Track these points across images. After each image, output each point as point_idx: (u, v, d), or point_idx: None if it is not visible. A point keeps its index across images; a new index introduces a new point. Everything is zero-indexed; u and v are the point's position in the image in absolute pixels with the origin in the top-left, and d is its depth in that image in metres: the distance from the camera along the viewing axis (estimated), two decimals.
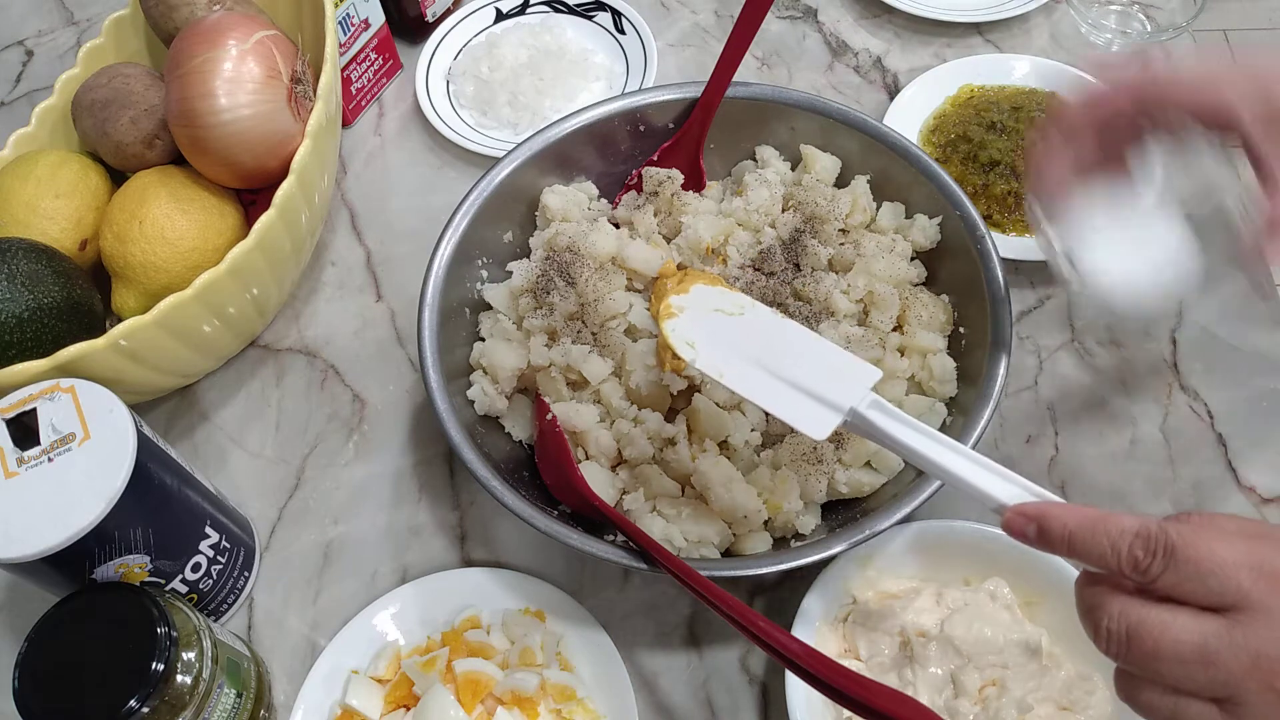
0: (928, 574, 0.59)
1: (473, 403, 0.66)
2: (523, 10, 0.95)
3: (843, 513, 0.62)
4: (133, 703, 0.48)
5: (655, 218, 0.72)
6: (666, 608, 0.63)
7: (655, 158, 0.74)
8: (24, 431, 0.54)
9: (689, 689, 0.61)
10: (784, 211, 0.71)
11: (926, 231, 0.67)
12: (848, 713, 0.53)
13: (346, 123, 0.88)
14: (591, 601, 0.63)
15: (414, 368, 0.75)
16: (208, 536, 0.60)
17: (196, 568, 0.60)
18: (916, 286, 0.68)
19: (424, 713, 0.56)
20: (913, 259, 0.68)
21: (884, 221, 0.69)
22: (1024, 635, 0.55)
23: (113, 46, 0.80)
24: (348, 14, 0.82)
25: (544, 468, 0.64)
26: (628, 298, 0.67)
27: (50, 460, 0.52)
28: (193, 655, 0.52)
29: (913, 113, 0.82)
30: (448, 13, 0.94)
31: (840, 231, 0.69)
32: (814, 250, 0.67)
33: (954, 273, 0.67)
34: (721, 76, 0.70)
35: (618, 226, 0.72)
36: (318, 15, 0.74)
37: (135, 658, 0.50)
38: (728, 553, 0.60)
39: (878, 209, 0.70)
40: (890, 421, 0.48)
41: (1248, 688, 0.35)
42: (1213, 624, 0.36)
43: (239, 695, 0.56)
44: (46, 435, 0.53)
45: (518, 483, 0.60)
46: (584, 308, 0.66)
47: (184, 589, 0.60)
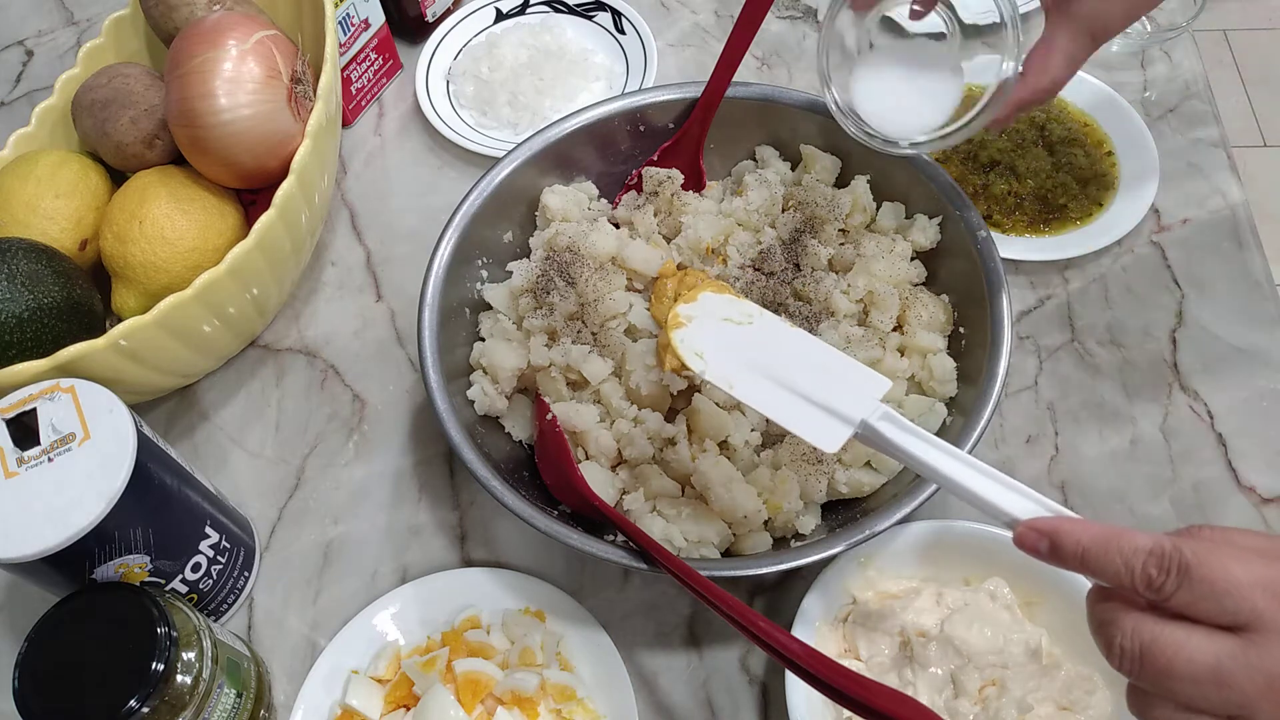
0: (928, 574, 0.59)
1: (473, 403, 0.66)
2: (523, 10, 0.95)
3: (843, 513, 0.62)
4: (133, 703, 0.48)
5: (655, 218, 0.72)
6: (666, 608, 0.63)
7: (655, 158, 0.74)
8: (24, 431, 0.54)
9: (689, 689, 0.61)
10: (784, 211, 0.71)
11: (926, 231, 0.67)
12: (848, 713, 0.53)
13: (346, 123, 0.88)
14: (591, 601, 0.63)
15: (414, 368, 0.75)
16: (208, 536, 0.60)
17: (196, 568, 0.60)
18: (916, 286, 0.68)
19: (424, 713, 0.56)
20: (913, 259, 0.68)
21: (884, 221, 0.69)
22: (1024, 635, 0.55)
23: (113, 46, 0.80)
24: (348, 14, 0.82)
25: (544, 468, 0.64)
26: (628, 298, 0.67)
27: (50, 460, 0.52)
28: (193, 655, 0.52)
29: None
30: (448, 13, 0.94)
31: (840, 231, 0.69)
32: (814, 250, 0.67)
33: (954, 273, 0.67)
34: (721, 76, 0.70)
35: (618, 226, 0.72)
36: (318, 15, 0.74)
37: (135, 658, 0.50)
38: (728, 553, 0.60)
39: (878, 209, 0.70)
40: (901, 434, 0.48)
41: (1261, 708, 0.35)
42: (1227, 644, 0.36)
43: (239, 695, 0.56)
44: (46, 435, 0.53)
45: (518, 483, 0.60)
46: (584, 308, 0.66)
47: (184, 589, 0.60)
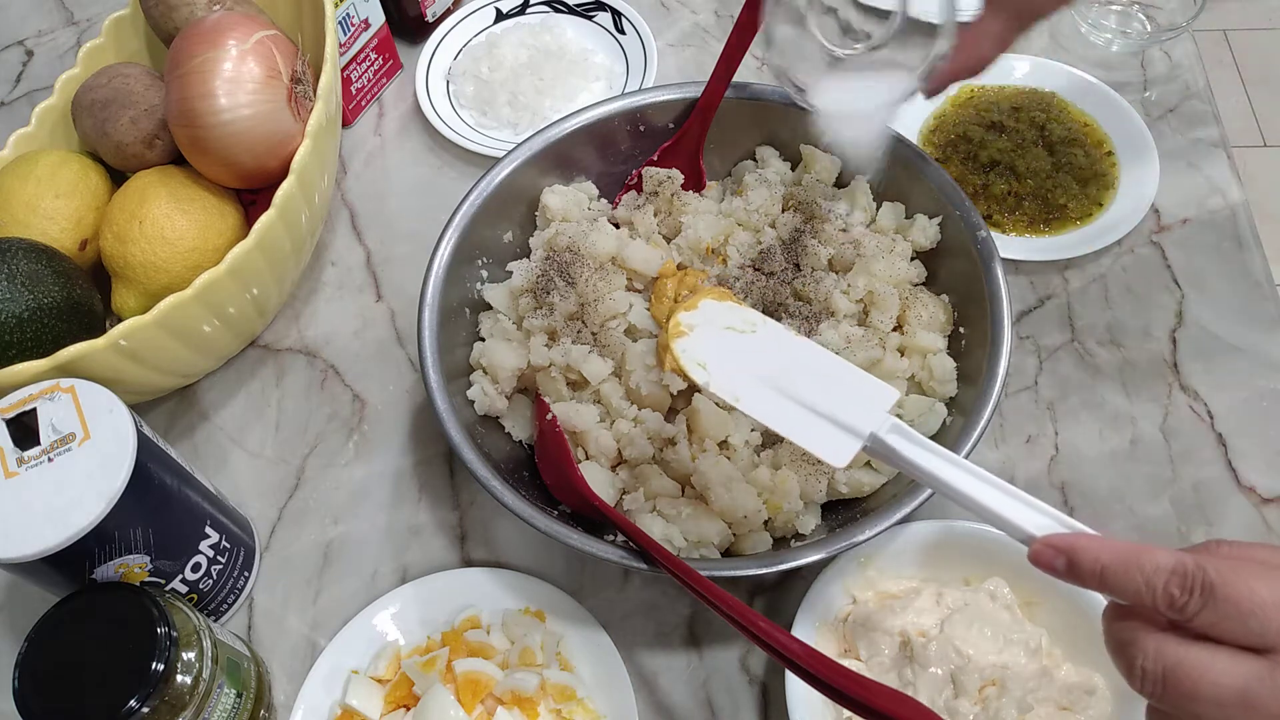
0: (928, 574, 0.59)
1: (473, 403, 0.66)
2: (523, 10, 0.95)
3: (843, 513, 0.62)
4: (133, 703, 0.48)
5: (655, 218, 0.72)
6: (666, 608, 0.63)
7: (655, 158, 0.74)
8: (24, 431, 0.54)
9: (689, 689, 0.61)
10: (784, 211, 0.71)
11: (926, 231, 0.67)
12: (848, 713, 0.53)
13: (346, 123, 0.88)
14: (591, 601, 0.63)
15: (414, 368, 0.75)
16: (208, 536, 0.60)
17: (196, 568, 0.60)
18: (916, 286, 0.68)
19: (424, 713, 0.56)
20: (913, 259, 0.68)
21: (884, 221, 0.69)
22: (1024, 635, 0.55)
23: (113, 46, 0.80)
24: (348, 14, 0.82)
25: (544, 468, 0.64)
26: (628, 298, 0.67)
27: (50, 460, 0.52)
28: (193, 655, 0.52)
29: (913, 113, 0.82)
30: (448, 13, 0.94)
31: (840, 231, 0.69)
32: (814, 250, 0.67)
33: (954, 273, 0.67)
34: (721, 76, 0.70)
35: (618, 226, 0.72)
36: (318, 15, 0.74)
37: (135, 658, 0.50)
38: (728, 553, 0.60)
39: (878, 209, 0.70)
40: (911, 447, 0.47)
41: None
42: (1254, 666, 0.35)
43: (239, 695, 0.56)
44: (46, 435, 0.53)
45: (518, 483, 0.60)
46: (584, 308, 0.66)
47: (184, 589, 0.60)
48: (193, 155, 0.69)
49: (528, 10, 0.95)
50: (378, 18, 0.86)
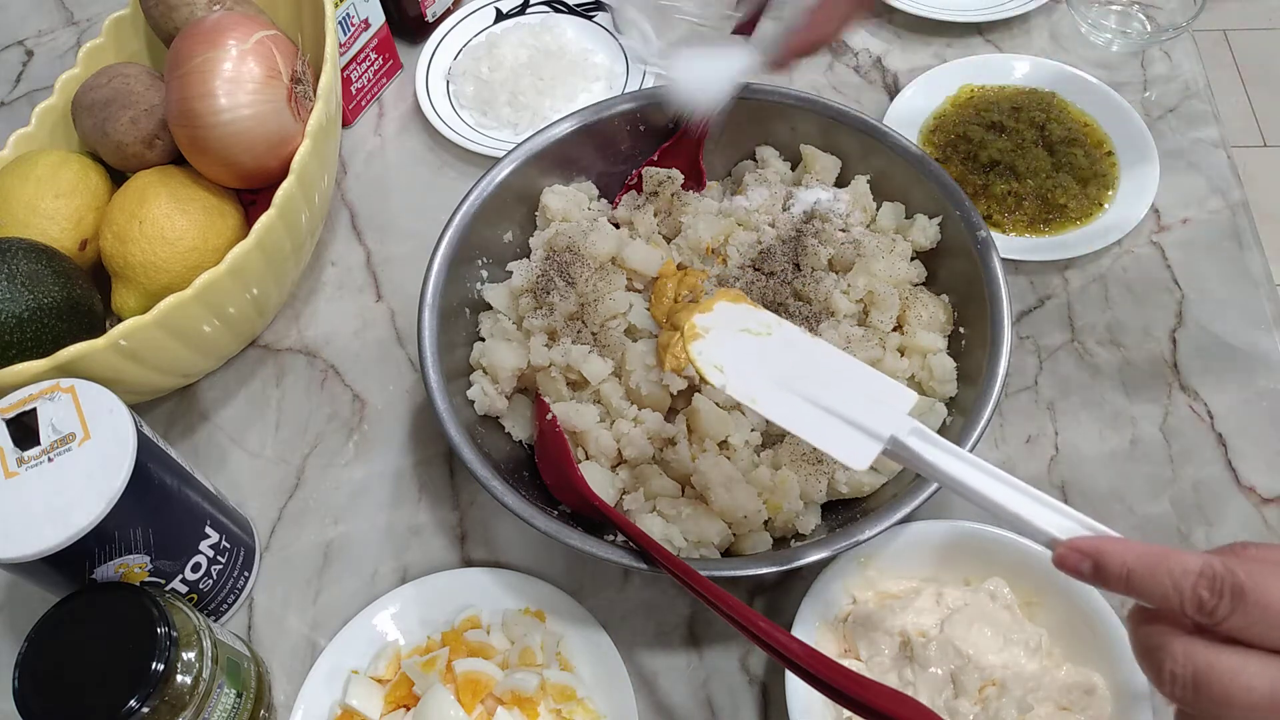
0: (927, 574, 0.59)
1: (473, 403, 0.66)
2: (523, 10, 0.95)
3: (843, 513, 0.62)
4: (133, 703, 0.48)
5: (655, 218, 0.72)
6: (666, 608, 0.63)
7: (655, 158, 0.74)
8: (24, 431, 0.54)
9: (689, 689, 0.61)
10: (784, 211, 0.71)
11: (926, 231, 0.67)
12: (848, 713, 0.53)
13: (346, 123, 0.88)
14: (591, 601, 0.63)
15: (414, 368, 0.75)
16: (208, 536, 0.60)
17: (196, 568, 0.60)
18: (916, 286, 0.68)
19: (424, 713, 0.56)
20: (913, 259, 0.68)
21: (884, 221, 0.69)
22: (1024, 635, 0.55)
23: (113, 46, 0.80)
24: (348, 14, 0.82)
25: (544, 468, 0.64)
26: (628, 298, 0.67)
27: (50, 460, 0.52)
28: (193, 655, 0.52)
29: (913, 113, 0.82)
30: (448, 13, 0.94)
31: (840, 231, 0.69)
32: (814, 250, 0.67)
33: (954, 273, 0.67)
34: None
35: (618, 226, 0.72)
36: (318, 15, 0.74)
37: (135, 658, 0.50)
38: (728, 553, 0.60)
39: (878, 209, 0.70)
40: (932, 450, 0.46)
41: None
42: None
43: (239, 695, 0.56)
44: (46, 435, 0.53)
45: (518, 483, 0.60)
46: (584, 308, 0.66)
47: (184, 589, 0.60)
48: (193, 155, 0.69)
49: (528, 10, 0.95)
50: (378, 18, 0.86)
